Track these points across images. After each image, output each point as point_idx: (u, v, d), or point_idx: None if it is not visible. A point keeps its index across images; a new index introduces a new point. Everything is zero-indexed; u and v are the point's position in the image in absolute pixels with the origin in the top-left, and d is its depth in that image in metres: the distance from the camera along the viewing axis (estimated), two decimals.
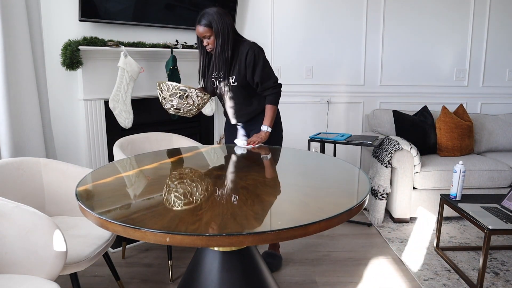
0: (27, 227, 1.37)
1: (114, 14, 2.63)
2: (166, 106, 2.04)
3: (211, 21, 2.02)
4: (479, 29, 3.69)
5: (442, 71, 3.76)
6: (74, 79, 2.57)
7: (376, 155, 2.99)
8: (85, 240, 1.66)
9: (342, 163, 1.76)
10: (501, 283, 2.15)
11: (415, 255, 2.47)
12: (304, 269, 2.30)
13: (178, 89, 1.98)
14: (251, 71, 2.09)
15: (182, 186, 1.39)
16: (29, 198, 1.86)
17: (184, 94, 1.98)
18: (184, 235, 0.99)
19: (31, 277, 1.37)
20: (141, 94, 2.88)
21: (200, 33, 2.05)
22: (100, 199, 1.26)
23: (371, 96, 3.76)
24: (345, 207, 1.16)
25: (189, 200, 1.25)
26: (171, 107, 2.02)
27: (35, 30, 2.28)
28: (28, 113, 2.24)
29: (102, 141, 2.68)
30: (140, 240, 1.05)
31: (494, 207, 2.24)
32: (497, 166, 2.98)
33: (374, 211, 2.96)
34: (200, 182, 1.44)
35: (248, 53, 2.07)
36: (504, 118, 3.52)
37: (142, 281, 2.16)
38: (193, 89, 2.00)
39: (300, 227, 1.04)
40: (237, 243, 1.00)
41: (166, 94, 1.99)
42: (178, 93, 1.98)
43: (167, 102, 2.02)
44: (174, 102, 1.99)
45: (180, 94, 1.98)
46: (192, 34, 3.18)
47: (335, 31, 3.64)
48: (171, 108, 2.03)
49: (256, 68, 2.09)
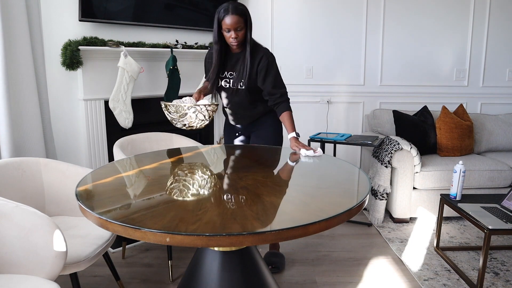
0: (27, 227, 1.37)
1: (114, 14, 2.63)
2: (178, 125, 1.93)
3: (246, 13, 1.91)
4: (479, 29, 3.69)
5: (442, 71, 3.76)
6: (74, 79, 2.57)
7: (376, 155, 2.99)
8: (85, 240, 1.66)
9: (342, 163, 1.76)
10: (501, 283, 2.15)
11: (415, 255, 2.47)
12: (304, 269, 2.30)
13: (188, 109, 1.86)
14: (263, 77, 2.02)
15: (183, 185, 1.39)
16: (29, 198, 1.86)
17: (195, 112, 1.88)
18: (184, 235, 0.99)
19: (31, 277, 1.37)
20: (141, 94, 2.88)
21: (234, 23, 1.88)
22: (100, 199, 1.26)
23: (371, 96, 3.76)
24: (345, 207, 1.16)
25: (190, 199, 1.25)
26: (183, 126, 1.92)
27: (35, 30, 2.28)
28: (28, 113, 2.24)
29: (102, 141, 2.68)
30: (140, 240, 1.05)
31: (494, 207, 2.24)
32: (497, 166, 2.98)
33: (374, 211, 2.96)
34: (200, 182, 1.44)
35: (262, 58, 2.00)
36: (504, 118, 3.52)
37: (142, 281, 2.16)
38: (202, 105, 1.88)
39: (300, 227, 1.04)
40: (237, 243, 1.00)
41: (175, 115, 1.89)
42: (188, 112, 1.87)
43: (178, 122, 1.92)
44: (186, 121, 1.89)
45: (192, 112, 1.87)
46: (192, 34, 3.18)
47: (335, 31, 3.64)
48: (184, 127, 1.93)
49: (268, 75, 2.02)
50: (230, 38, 1.94)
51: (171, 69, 2.82)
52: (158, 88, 2.95)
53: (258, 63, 2.01)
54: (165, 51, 2.89)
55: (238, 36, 1.93)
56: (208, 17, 3.19)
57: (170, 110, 1.89)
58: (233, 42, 1.95)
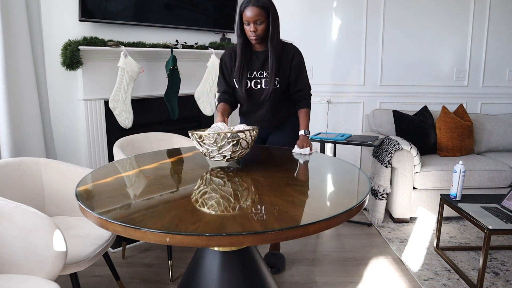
0: (27, 227, 1.37)
1: (114, 14, 2.63)
2: (216, 158, 1.58)
3: (268, 5, 1.79)
4: (479, 29, 3.69)
5: (442, 71, 3.76)
6: (74, 79, 2.57)
7: (376, 155, 2.99)
8: (85, 240, 1.66)
9: (342, 163, 1.76)
10: (501, 283, 2.15)
11: (415, 255, 2.47)
12: (304, 269, 2.30)
13: (230, 138, 1.52)
14: (296, 75, 1.98)
15: (183, 187, 1.39)
16: (29, 198, 1.86)
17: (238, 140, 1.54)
18: (184, 235, 0.99)
19: (31, 277, 1.37)
20: (141, 94, 2.88)
21: (254, 15, 1.76)
22: (100, 199, 1.26)
23: (371, 96, 3.76)
24: (345, 207, 1.16)
25: (188, 199, 1.25)
26: (224, 158, 1.58)
27: (35, 30, 2.28)
28: (28, 113, 2.24)
29: (102, 141, 2.68)
30: (140, 240, 1.05)
31: (494, 207, 2.24)
32: (497, 166, 2.98)
33: (374, 211, 2.96)
34: (200, 182, 1.44)
35: (294, 55, 1.96)
36: (504, 118, 3.52)
37: (142, 281, 2.16)
38: (247, 131, 1.57)
39: (300, 227, 1.04)
40: (237, 243, 1.00)
41: (213, 147, 1.53)
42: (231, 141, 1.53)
43: (216, 154, 1.56)
44: (227, 153, 1.55)
45: (234, 142, 1.53)
46: (192, 34, 3.18)
47: (335, 31, 3.64)
48: (223, 159, 1.59)
49: (301, 72, 2.00)
50: (249, 32, 1.82)
51: (171, 69, 2.82)
52: (158, 88, 2.95)
53: (292, 60, 1.95)
54: (165, 51, 2.88)
55: (257, 30, 1.80)
56: (208, 17, 3.19)
57: (205, 141, 1.53)
58: (252, 36, 1.82)
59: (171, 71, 2.82)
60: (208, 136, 1.52)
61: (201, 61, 3.13)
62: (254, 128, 1.62)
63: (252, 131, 1.59)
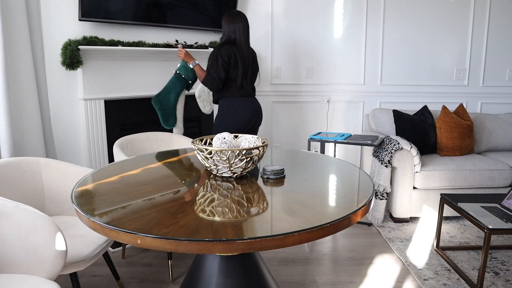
0: (27, 227, 1.37)
1: (114, 14, 2.63)
2: (224, 174, 1.50)
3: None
4: (479, 29, 3.69)
5: (442, 70, 3.76)
6: (74, 78, 2.57)
7: (376, 154, 2.99)
8: (85, 240, 1.66)
9: (342, 163, 1.76)
10: (501, 282, 2.15)
11: (415, 255, 2.47)
12: (304, 269, 2.30)
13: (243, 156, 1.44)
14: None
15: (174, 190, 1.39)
16: (29, 198, 1.86)
17: (250, 156, 1.46)
18: (153, 238, 0.97)
19: (31, 276, 1.37)
20: (141, 94, 2.88)
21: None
22: (94, 201, 1.27)
23: (371, 95, 3.76)
24: (346, 211, 1.14)
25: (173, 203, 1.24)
26: (234, 174, 1.49)
27: (35, 30, 2.28)
28: (28, 112, 2.24)
29: (102, 140, 2.68)
30: (114, 239, 1.05)
31: (494, 207, 2.24)
32: (497, 165, 2.98)
33: (374, 210, 2.96)
34: (191, 184, 1.44)
35: None
36: (504, 117, 3.52)
37: (142, 281, 2.16)
38: (260, 147, 1.48)
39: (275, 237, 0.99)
40: (206, 250, 0.96)
41: (224, 163, 1.45)
42: (244, 159, 1.45)
43: (227, 171, 1.48)
44: (238, 170, 1.47)
45: (247, 160, 1.45)
46: (192, 34, 3.18)
47: (335, 31, 3.64)
48: (233, 176, 1.51)
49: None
50: None
51: (176, 73, 2.77)
52: (158, 88, 2.95)
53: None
54: (165, 50, 2.88)
55: None
56: (208, 17, 3.19)
57: (218, 158, 1.43)
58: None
59: (176, 75, 2.75)
60: (218, 152, 1.41)
61: (201, 60, 3.13)
62: (266, 142, 1.55)
63: (264, 146, 1.49)
